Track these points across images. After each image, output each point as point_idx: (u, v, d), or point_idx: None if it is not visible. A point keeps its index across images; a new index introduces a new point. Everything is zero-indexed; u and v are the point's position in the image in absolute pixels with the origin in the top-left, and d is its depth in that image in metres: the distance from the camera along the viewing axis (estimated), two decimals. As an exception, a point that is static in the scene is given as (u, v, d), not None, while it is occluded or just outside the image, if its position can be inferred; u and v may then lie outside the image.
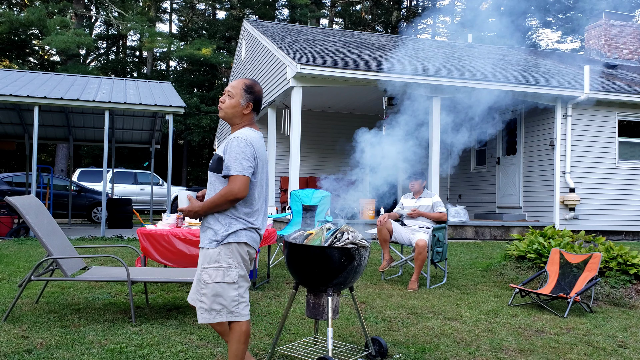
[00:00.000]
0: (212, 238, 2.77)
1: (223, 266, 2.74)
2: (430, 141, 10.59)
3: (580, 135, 11.08)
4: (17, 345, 3.59)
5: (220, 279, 2.74)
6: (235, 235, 2.77)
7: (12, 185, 14.59)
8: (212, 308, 2.75)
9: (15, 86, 10.78)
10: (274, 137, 12.34)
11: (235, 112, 2.88)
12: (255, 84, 2.93)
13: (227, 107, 2.87)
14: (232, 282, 2.75)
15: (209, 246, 2.78)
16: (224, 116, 2.90)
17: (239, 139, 2.76)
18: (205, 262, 2.78)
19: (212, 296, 2.75)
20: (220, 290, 2.74)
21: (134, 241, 9.31)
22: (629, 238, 11.30)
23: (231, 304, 2.75)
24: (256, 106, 2.92)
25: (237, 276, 2.76)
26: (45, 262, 4.55)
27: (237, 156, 2.71)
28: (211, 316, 2.75)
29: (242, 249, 2.79)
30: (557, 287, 5.31)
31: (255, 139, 2.82)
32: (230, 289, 2.75)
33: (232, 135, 2.82)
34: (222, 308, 2.74)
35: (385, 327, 4.29)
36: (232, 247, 2.76)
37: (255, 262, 5.51)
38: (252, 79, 3.01)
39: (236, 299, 2.76)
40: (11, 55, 26.23)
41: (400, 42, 14.87)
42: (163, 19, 32.76)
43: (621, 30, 16.44)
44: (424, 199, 6.29)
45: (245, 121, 2.90)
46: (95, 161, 26.93)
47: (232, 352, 2.79)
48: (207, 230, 2.82)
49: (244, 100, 2.87)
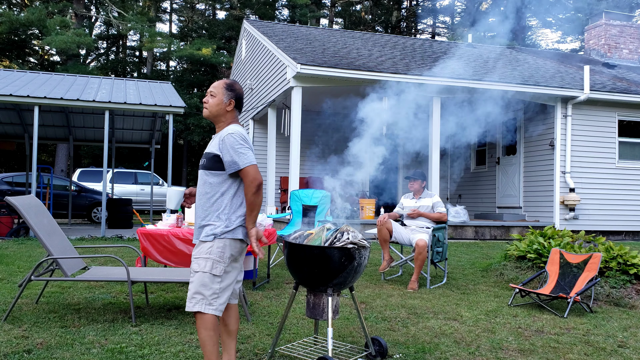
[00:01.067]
0: (210, 232, 2.85)
1: (213, 258, 2.82)
2: (430, 141, 10.59)
3: (580, 135, 11.08)
4: (17, 345, 3.59)
5: (208, 270, 2.81)
6: (232, 232, 2.85)
7: (12, 185, 14.60)
8: (193, 297, 2.82)
9: (15, 86, 10.78)
10: (274, 137, 12.34)
11: (220, 109, 2.98)
12: (235, 83, 3.04)
13: (212, 106, 2.98)
14: (217, 275, 2.82)
15: (205, 239, 2.85)
16: (209, 115, 3.00)
17: (233, 134, 2.85)
18: (197, 253, 2.87)
19: (196, 284, 2.82)
20: (205, 281, 2.81)
21: (134, 241, 9.31)
22: (629, 238, 11.30)
23: (211, 296, 2.81)
24: (238, 103, 3.02)
25: (224, 270, 2.83)
26: (45, 262, 4.55)
27: (239, 149, 2.81)
28: (191, 304, 2.82)
29: (236, 245, 2.87)
30: (557, 287, 5.31)
31: (245, 134, 2.95)
32: (215, 281, 2.82)
33: (223, 133, 2.89)
34: (202, 298, 2.81)
35: (385, 327, 4.29)
36: (226, 242, 2.84)
37: (255, 262, 5.51)
38: (231, 79, 3.12)
39: (217, 292, 2.82)
40: (11, 55, 26.23)
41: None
42: (163, 19, 32.76)
43: (621, 30, 16.44)
44: (424, 199, 6.29)
45: (230, 118, 3.00)
46: (95, 161, 26.93)
47: (202, 339, 2.83)
48: (205, 226, 2.88)
49: (226, 97, 2.98)
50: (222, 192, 2.86)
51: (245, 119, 14.94)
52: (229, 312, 3.02)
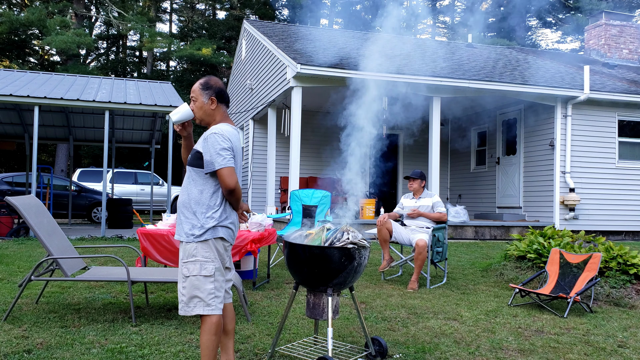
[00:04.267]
0: (189, 232, 2.84)
1: (200, 260, 2.82)
2: (430, 141, 10.59)
3: (580, 135, 11.08)
4: (17, 345, 3.59)
5: (197, 272, 2.81)
6: (212, 231, 2.84)
7: (12, 185, 14.60)
8: (190, 300, 2.82)
9: (15, 86, 10.78)
10: (274, 137, 12.34)
11: (204, 111, 2.96)
12: (210, 78, 3.01)
13: (196, 110, 2.97)
14: (208, 275, 2.82)
15: (187, 240, 2.85)
16: (199, 121, 3.01)
17: (216, 134, 2.84)
18: (184, 256, 2.86)
19: (190, 289, 2.82)
20: (197, 283, 2.81)
21: (134, 241, 9.31)
22: (629, 238, 11.30)
23: (208, 297, 2.81)
24: (220, 97, 2.98)
25: (214, 269, 2.83)
26: (45, 262, 4.55)
27: (217, 150, 2.79)
28: (189, 308, 2.82)
29: (219, 243, 2.87)
30: (557, 287, 5.31)
31: (231, 133, 2.90)
32: (207, 282, 2.82)
33: (208, 131, 2.88)
34: (199, 301, 2.81)
35: (385, 327, 4.29)
36: (209, 242, 2.84)
37: (255, 262, 5.51)
38: (206, 76, 3.12)
39: (212, 292, 2.82)
40: (11, 55, 26.22)
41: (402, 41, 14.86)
42: (163, 19, 32.76)
43: (621, 30, 16.44)
44: (424, 199, 6.29)
45: (219, 115, 2.98)
46: (95, 161, 26.93)
47: (203, 343, 2.82)
48: (184, 222, 2.88)
49: (205, 97, 2.95)
50: (203, 190, 2.85)
51: (245, 119, 14.95)
52: (224, 312, 3.02)
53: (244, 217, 3.16)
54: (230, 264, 3.02)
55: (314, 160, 13.60)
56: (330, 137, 13.82)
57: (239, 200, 2.91)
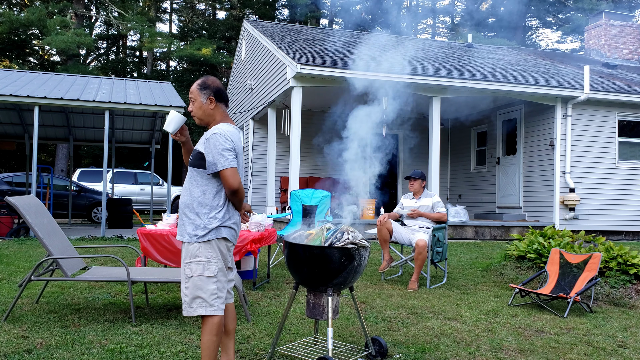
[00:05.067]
0: (192, 233, 2.84)
1: (202, 260, 2.82)
2: (430, 141, 10.59)
3: (580, 135, 11.08)
4: (17, 345, 3.59)
5: (200, 273, 2.81)
6: (215, 231, 2.83)
7: (12, 185, 14.60)
8: (193, 301, 2.82)
9: (16, 86, 10.79)
10: (274, 137, 12.34)
11: (204, 112, 2.96)
12: (207, 78, 3.01)
13: (195, 111, 2.97)
14: (211, 275, 2.82)
15: (189, 241, 2.84)
16: (199, 121, 3.00)
17: (217, 134, 2.83)
18: (187, 257, 2.86)
19: (193, 289, 2.82)
20: (200, 284, 2.81)
21: (134, 241, 9.31)
22: (629, 238, 11.30)
23: (210, 297, 2.81)
24: (218, 97, 2.97)
25: (216, 270, 2.83)
26: (45, 262, 4.55)
27: (219, 150, 2.79)
28: (192, 309, 2.82)
29: (222, 243, 2.87)
30: (557, 287, 5.31)
31: (232, 133, 2.89)
32: (210, 282, 2.82)
33: (210, 132, 2.87)
34: (202, 301, 2.81)
35: (385, 327, 4.29)
36: (212, 243, 2.84)
37: (255, 262, 5.51)
38: (204, 76, 3.12)
39: (215, 292, 2.82)
40: (11, 55, 26.22)
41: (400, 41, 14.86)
42: (163, 19, 32.75)
43: (621, 30, 16.44)
44: (424, 199, 6.29)
45: (219, 115, 2.98)
46: (95, 161, 26.93)
47: (204, 343, 2.82)
48: (186, 223, 2.87)
49: (204, 97, 2.95)
50: (206, 190, 2.85)
51: (245, 119, 14.94)
52: (225, 312, 3.02)
53: (246, 218, 3.17)
54: (232, 264, 3.02)
55: (314, 160, 13.58)
56: (330, 137, 13.83)
57: (242, 201, 2.91)
